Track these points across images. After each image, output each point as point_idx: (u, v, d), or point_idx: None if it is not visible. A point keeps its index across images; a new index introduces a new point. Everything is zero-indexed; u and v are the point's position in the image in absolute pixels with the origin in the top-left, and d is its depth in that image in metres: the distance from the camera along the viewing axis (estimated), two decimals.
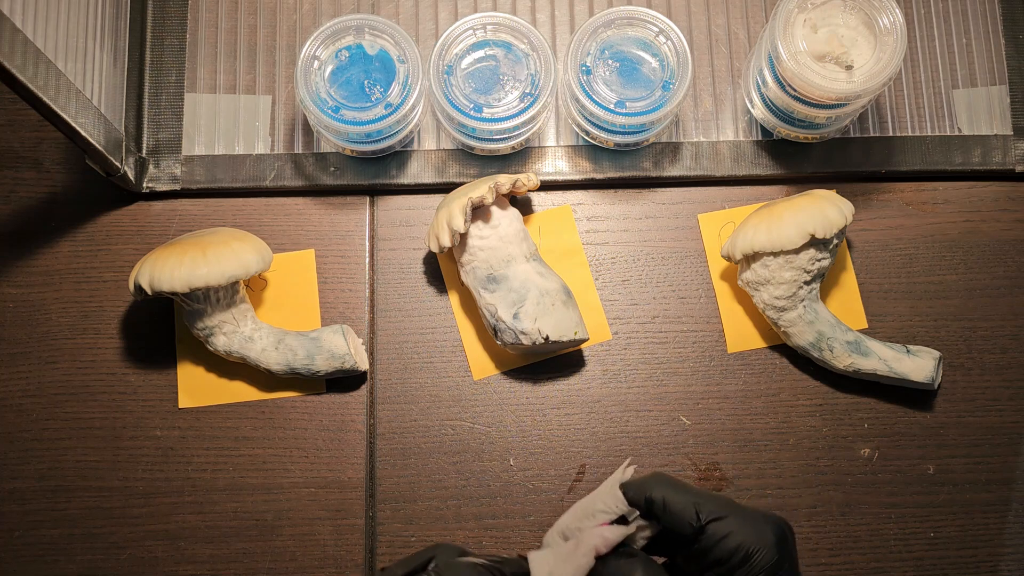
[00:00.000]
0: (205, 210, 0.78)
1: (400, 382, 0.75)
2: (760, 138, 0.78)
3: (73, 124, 0.66)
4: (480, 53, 0.74)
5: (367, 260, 0.77)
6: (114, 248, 0.77)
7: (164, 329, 0.76)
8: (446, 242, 0.70)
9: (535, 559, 0.58)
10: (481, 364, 0.75)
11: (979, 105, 0.78)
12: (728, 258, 0.73)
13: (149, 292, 0.68)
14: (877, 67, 0.69)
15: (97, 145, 0.69)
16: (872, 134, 0.78)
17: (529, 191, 0.76)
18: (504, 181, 0.71)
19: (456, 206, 0.69)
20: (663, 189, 0.78)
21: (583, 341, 0.72)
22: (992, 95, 0.78)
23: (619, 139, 0.75)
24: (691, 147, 0.78)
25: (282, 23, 0.80)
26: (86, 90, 0.69)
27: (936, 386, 0.73)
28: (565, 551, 0.57)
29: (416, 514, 0.73)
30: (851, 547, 0.73)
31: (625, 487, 0.58)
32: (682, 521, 0.56)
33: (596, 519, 0.59)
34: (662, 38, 0.73)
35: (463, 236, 0.71)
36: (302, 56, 0.72)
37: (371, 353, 0.76)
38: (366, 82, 0.73)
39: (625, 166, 0.77)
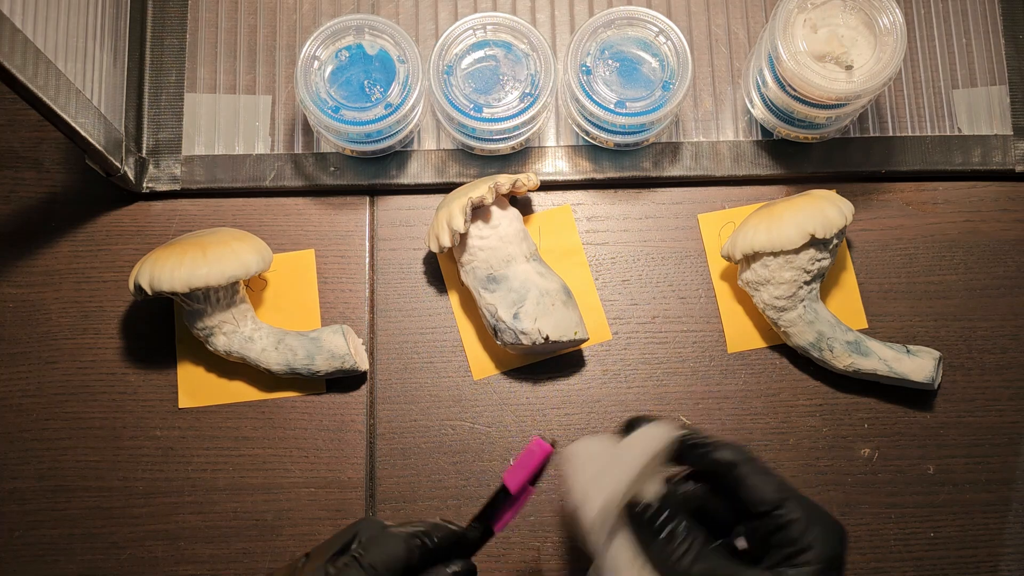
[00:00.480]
0: (205, 210, 0.78)
1: (400, 382, 0.75)
2: (760, 138, 0.78)
3: (73, 124, 0.66)
4: (480, 53, 0.74)
5: (367, 260, 0.77)
6: (114, 248, 0.77)
7: (164, 329, 0.76)
8: (446, 242, 0.70)
9: (575, 450, 0.55)
10: (481, 364, 0.75)
11: (979, 105, 0.78)
12: (728, 258, 0.73)
13: (149, 292, 0.68)
14: (877, 67, 0.69)
15: (97, 145, 0.69)
16: (872, 134, 0.78)
17: (529, 191, 0.76)
18: (504, 181, 0.71)
19: (456, 206, 0.69)
20: (663, 189, 0.78)
21: (583, 341, 0.72)
22: (992, 95, 0.78)
23: (619, 139, 0.75)
24: (691, 147, 0.78)
25: (282, 23, 0.80)
26: (86, 90, 0.69)
27: (936, 386, 0.73)
28: (613, 452, 0.54)
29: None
30: (851, 547, 0.73)
31: (695, 442, 0.56)
32: (759, 494, 0.54)
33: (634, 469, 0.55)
34: (662, 38, 0.73)
35: (463, 236, 0.71)
36: (302, 56, 0.72)
37: (371, 353, 0.76)
38: (366, 82, 0.73)
39: (625, 166, 0.77)
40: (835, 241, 0.71)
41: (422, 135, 0.78)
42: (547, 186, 0.77)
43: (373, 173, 0.77)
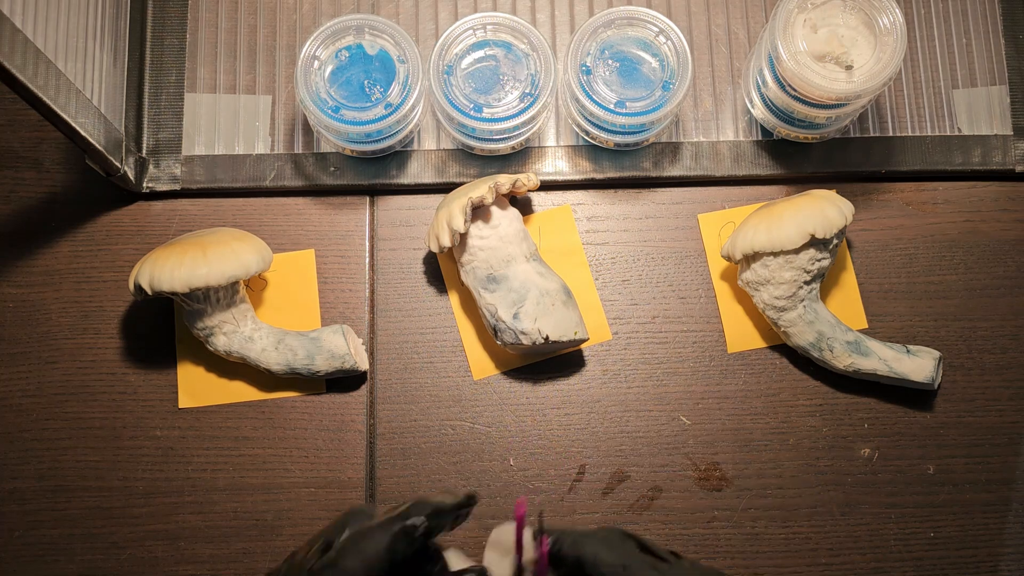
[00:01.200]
0: (205, 210, 0.78)
1: (400, 382, 0.75)
2: (760, 138, 0.78)
3: (73, 124, 0.66)
4: (480, 53, 0.74)
5: (367, 260, 0.77)
6: (114, 248, 0.77)
7: (164, 329, 0.76)
8: (446, 242, 0.70)
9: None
10: (481, 364, 0.75)
11: (979, 105, 0.78)
12: (728, 258, 0.73)
13: (149, 292, 0.68)
14: (877, 67, 0.69)
15: (97, 145, 0.69)
16: (872, 134, 0.78)
17: (529, 191, 0.76)
18: (504, 181, 0.71)
19: (456, 206, 0.69)
20: (663, 189, 0.78)
21: (583, 341, 0.72)
22: (992, 95, 0.78)
23: (619, 139, 0.75)
24: (691, 147, 0.78)
25: (282, 23, 0.80)
26: (86, 90, 0.69)
27: (936, 386, 0.73)
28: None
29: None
30: (851, 547, 0.73)
31: (554, 538, 0.55)
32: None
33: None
34: (662, 38, 0.73)
35: (463, 236, 0.71)
36: (302, 56, 0.72)
37: (371, 353, 0.76)
38: (366, 82, 0.73)
39: (625, 166, 0.77)
40: (835, 241, 0.71)
41: (422, 135, 0.78)
42: (547, 186, 0.77)
43: (373, 173, 0.77)
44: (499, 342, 0.71)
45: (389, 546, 0.51)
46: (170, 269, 0.68)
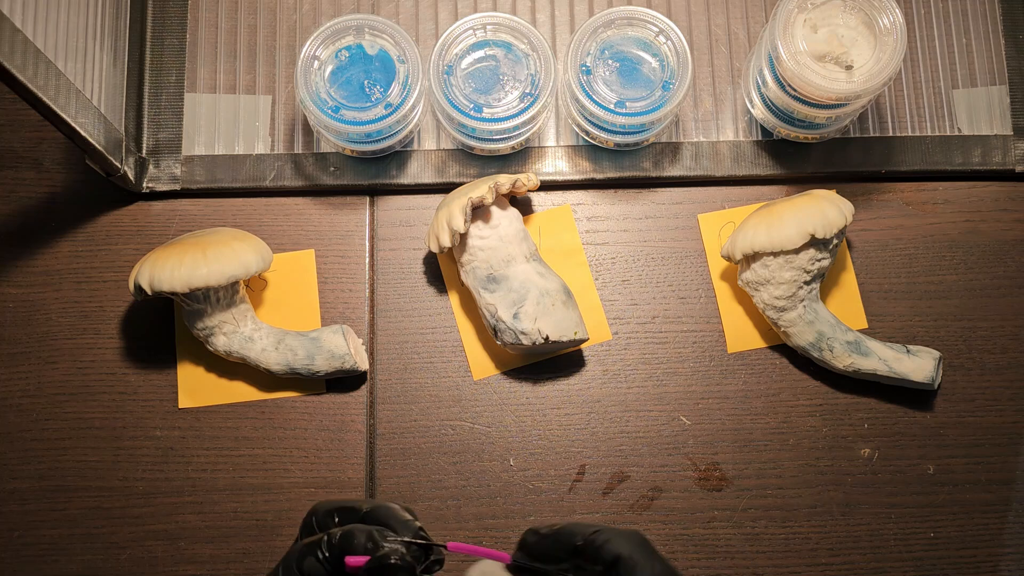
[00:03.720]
0: (205, 210, 0.78)
1: (400, 382, 0.75)
2: (760, 138, 0.78)
3: (73, 124, 0.66)
4: (480, 53, 0.74)
5: (367, 260, 0.77)
6: (114, 248, 0.77)
7: (164, 329, 0.76)
8: (446, 242, 0.70)
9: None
10: (481, 364, 0.75)
11: (979, 105, 0.78)
12: (728, 258, 0.73)
13: (149, 292, 0.69)
14: (877, 67, 0.69)
15: (97, 145, 0.69)
16: (872, 134, 0.78)
17: (529, 191, 0.76)
18: (504, 181, 0.71)
19: (456, 206, 0.69)
20: (663, 189, 0.78)
21: (583, 341, 0.72)
22: (992, 95, 0.78)
23: (619, 139, 0.75)
24: (691, 147, 0.78)
25: (282, 23, 0.80)
26: (86, 90, 0.69)
27: (936, 386, 0.73)
28: None
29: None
30: (851, 547, 0.73)
31: (591, 533, 0.52)
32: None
33: None
34: (662, 38, 0.73)
35: (463, 236, 0.71)
36: (302, 56, 0.72)
37: (371, 353, 0.76)
38: (366, 82, 0.73)
39: (625, 166, 0.77)
40: (835, 241, 0.71)
41: (422, 135, 0.78)
42: (547, 186, 0.77)
43: (373, 173, 0.77)
44: (499, 342, 0.71)
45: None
46: (170, 269, 0.68)
